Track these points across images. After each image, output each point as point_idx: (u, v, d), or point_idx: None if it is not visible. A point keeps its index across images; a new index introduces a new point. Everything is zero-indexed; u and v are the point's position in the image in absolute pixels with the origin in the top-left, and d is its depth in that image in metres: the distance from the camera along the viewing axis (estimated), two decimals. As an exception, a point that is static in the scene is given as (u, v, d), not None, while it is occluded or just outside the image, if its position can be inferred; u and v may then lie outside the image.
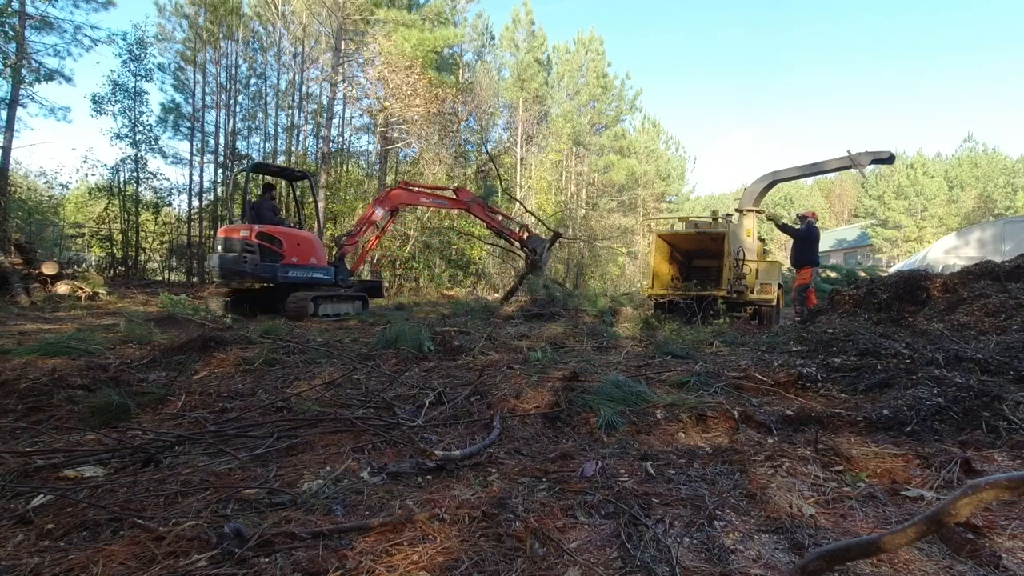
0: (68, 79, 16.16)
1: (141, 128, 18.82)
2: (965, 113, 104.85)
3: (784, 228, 9.72)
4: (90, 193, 20.27)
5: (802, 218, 9.65)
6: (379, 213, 10.80)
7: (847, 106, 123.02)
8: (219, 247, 9.28)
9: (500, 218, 11.96)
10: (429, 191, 11.65)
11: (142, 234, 19.86)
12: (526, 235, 11.71)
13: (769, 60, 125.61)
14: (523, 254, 12.15)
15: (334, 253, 10.65)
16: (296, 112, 23.71)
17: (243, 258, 8.74)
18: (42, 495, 1.81)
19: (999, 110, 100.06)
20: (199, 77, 22.41)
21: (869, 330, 4.52)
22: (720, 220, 9.59)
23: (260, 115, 23.93)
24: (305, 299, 9.04)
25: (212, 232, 19.47)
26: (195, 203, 22.21)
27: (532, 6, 29.21)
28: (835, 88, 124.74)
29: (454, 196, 11.45)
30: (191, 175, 22.33)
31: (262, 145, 23.99)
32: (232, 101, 22.98)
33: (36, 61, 15.50)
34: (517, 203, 19.14)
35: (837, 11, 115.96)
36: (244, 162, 21.78)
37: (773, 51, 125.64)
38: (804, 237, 9.28)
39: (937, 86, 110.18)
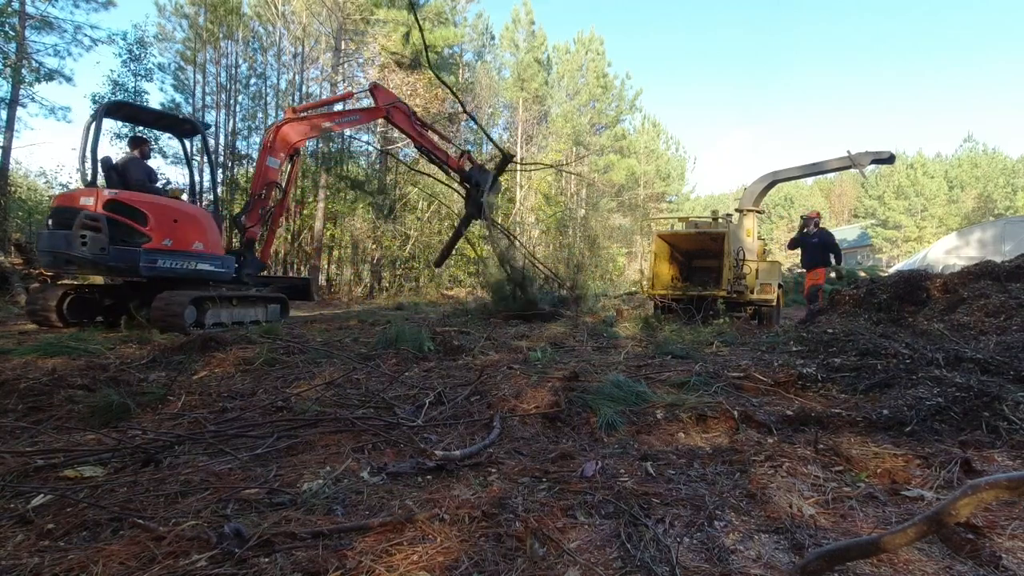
0: (68, 79, 16.16)
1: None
2: (965, 113, 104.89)
3: (799, 241, 9.52)
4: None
5: (808, 220, 9.50)
6: (273, 164, 7.83)
7: (847, 106, 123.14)
8: (50, 221, 6.45)
9: (433, 137, 9.02)
10: (333, 111, 8.73)
11: (142, 234, 19.84)
12: (467, 165, 8.90)
13: (769, 60, 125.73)
14: (462, 190, 9.22)
15: (235, 239, 8.07)
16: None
17: (80, 237, 5.91)
18: (42, 495, 1.81)
19: (999, 110, 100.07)
20: (199, 77, 22.41)
21: (869, 330, 4.52)
22: (720, 220, 9.59)
23: (260, 115, 23.92)
24: (179, 301, 6.31)
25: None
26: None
27: (532, 6, 29.22)
28: (835, 88, 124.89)
29: (366, 106, 8.52)
30: (191, 175, 22.30)
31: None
32: (232, 101, 22.97)
33: (36, 61, 15.51)
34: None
35: (837, 11, 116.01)
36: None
37: (773, 51, 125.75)
38: (823, 244, 9.16)
39: (937, 86, 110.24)
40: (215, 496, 1.84)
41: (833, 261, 9.18)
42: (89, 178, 6.49)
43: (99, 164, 6.60)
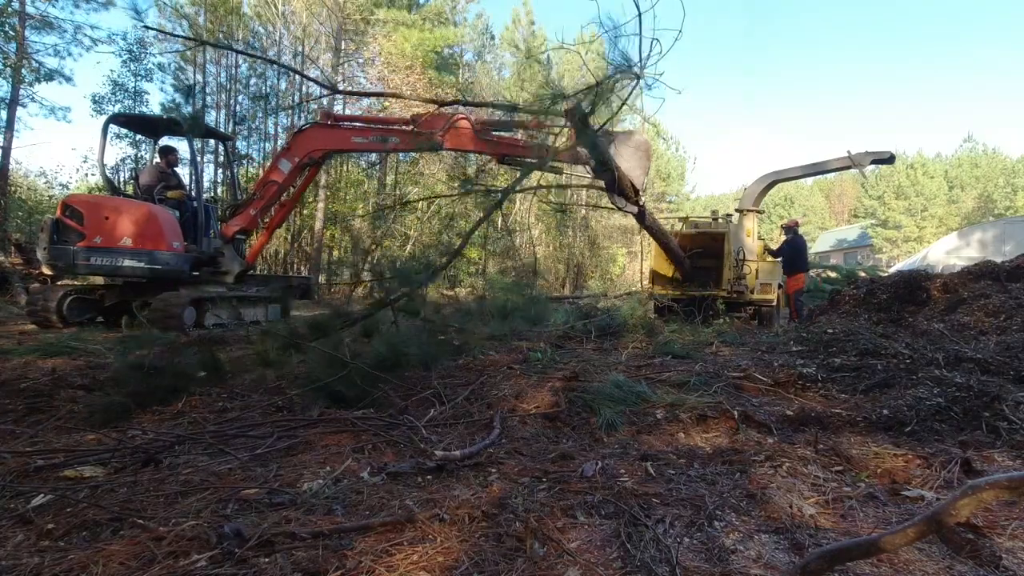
0: (68, 79, 16.18)
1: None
2: (965, 113, 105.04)
3: (773, 253, 10.00)
4: (90, 193, 20.29)
5: (787, 229, 9.88)
6: (282, 167, 7.22)
7: (847, 106, 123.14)
8: None
9: (510, 136, 6.69)
10: (366, 124, 7.53)
11: (142, 234, 19.80)
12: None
13: (768, 60, 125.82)
14: (595, 179, 5.40)
15: (216, 234, 7.66)
16: (296, 112, 23.70)
17: (39, 238, 6.68)
18: (42, 495, 1.81)
19: (999, 110, 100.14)
20: (199, 77, 22.41)
21: (869, 330, 4.52)
22: (720, 220, 9.60)
23: (260, 115, 23.92)
24: (178, 302, 6.39)
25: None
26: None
27: (532, 6, 29.23)
28: (835, 88, 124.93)
29: (407, 127, 6.88)
30: (192, 175, 22.32)
31: (262, 145, 23.98)
32: (232, 101, 22.98)
33: (36, 61, 15.52)
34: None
35: (836, 11, 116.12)
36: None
37: (773, 51, 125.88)
38: (792, 250, 9.59)
39: (937, 86, 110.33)
40: (215, 496, 1.84)
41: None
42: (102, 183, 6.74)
43: (106, 169, 7.13)
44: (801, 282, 9.45)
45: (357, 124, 7.48)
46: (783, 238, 9.95)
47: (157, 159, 7.94)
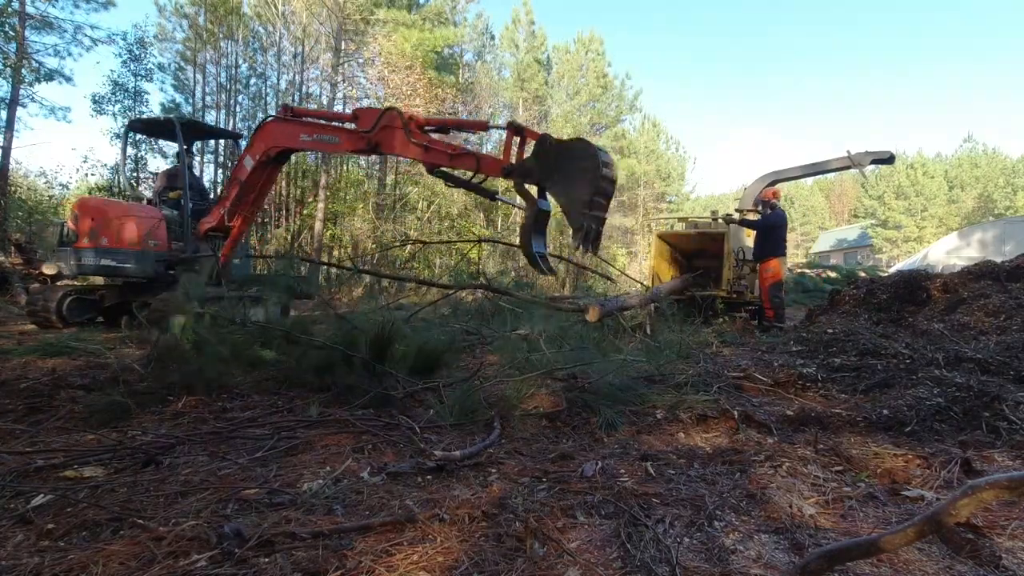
0: (68, 79, 16.19)
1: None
2: (965, 113, 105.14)
3: (746, 224, 8.66)
4: (90, 193, 20.29)
5: (764, 203, 8.46)
6: (247, 164, 6.69)
7: (847, 106, 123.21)
8: None
9: (453, 145, 5.47)
10: (315, 122, 6.42)
11: (142, 234, 19.76)
12: (513, 161, 4.76)
13: (769, 59, 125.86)
14: (522, 202, 4.94)
15: (184, 232, 7.27)
16: (296, 112, 23.65)
17: (47, 243, 7.17)
18: (42, 495, 1.81)
19: (999, 110, 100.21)
20: (199, 77, 22.42)
21: (869, 330, 4.53)
22: (720, 220, 9.60)
23: (260, 115, 23.91)
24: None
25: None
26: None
27: (532, 6, 29.24)
28: (835, 88, 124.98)
29: (350, 126, 5.88)
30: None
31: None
32: (232, 101, 22.98)
33: (36, 61, 15.53)
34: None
35: (836, 10, 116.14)
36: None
37: (773, 51, 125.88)
38: (773, 224, 8.06)
39: (937, 86, 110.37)
40: (215, 496, 1.84)
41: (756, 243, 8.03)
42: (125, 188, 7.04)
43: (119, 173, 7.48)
44: (778, 272, 7.77)
45: (309, 120, 6.50)
46: (767, 211, 8.28)
47: (177, 162, 8.07)
